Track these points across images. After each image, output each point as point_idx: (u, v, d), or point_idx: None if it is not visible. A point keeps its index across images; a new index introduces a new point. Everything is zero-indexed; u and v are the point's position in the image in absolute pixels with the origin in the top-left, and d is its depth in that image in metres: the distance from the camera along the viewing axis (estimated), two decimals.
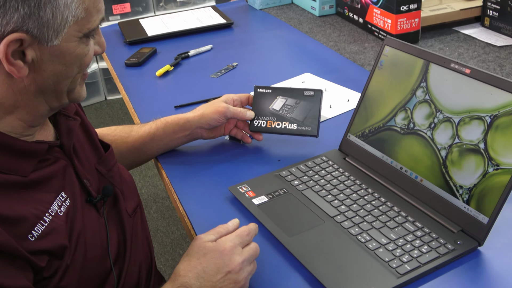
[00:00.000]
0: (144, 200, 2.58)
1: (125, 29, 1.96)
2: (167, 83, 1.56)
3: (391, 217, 0.93)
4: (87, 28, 0.76)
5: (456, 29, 1.74)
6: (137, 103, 1.45)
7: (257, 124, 1.17)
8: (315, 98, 1.15)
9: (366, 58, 1.60)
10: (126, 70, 1.67)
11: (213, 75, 1.58)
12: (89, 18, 0.75)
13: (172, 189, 1.08)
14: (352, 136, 1.11)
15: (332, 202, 0.98)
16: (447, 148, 0.93)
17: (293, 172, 1.07)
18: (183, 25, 1.94)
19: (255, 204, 0.99)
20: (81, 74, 0.80)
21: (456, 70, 0.93)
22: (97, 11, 0.76)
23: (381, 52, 1.07)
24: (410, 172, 0.98)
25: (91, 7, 0.75)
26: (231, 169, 1.13)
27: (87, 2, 0.74)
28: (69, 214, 0.78)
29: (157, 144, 1.15)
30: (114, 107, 3.45)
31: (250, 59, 1.68)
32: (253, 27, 2.01)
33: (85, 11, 0.74)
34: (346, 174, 1.05)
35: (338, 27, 1.88)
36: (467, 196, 0.88)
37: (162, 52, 1.77)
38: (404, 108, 1.01)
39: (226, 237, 0.84)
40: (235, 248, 0.82)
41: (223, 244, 0.82)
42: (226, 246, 0.82)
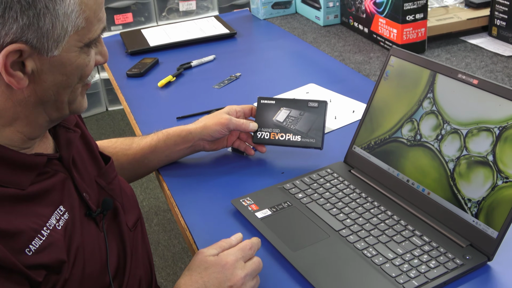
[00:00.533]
0: (145, 213, 2.57)
1: (127, 39, 1.97)
2: (169, 94, 1.56)
3: (397, 231, 0.92)
4: (88, 38, 0.76)
5: (463, 38, 1.74)
6: (138, 114, 1.45)
7: (260, 136, 1.17)
8: (319, 110, 1.15)
9: (371, 68, 1.60)
10: (128, 80, 1.67)
11: (216, 85, 1.58)
12: (90, 28, 0.75)
13: (173, 202, 1.08)
14: (358, 148, 1.10)
15: (337, 215, 0.97)
16: (455, 160, 0.92)
17: (297, 185, 1.06)
18: (185, 35, 1.95)
19: (258, 217, 0.98)
20: (82, 84, 0.79)
21: (463, 80, 0.93)
22: (98, 20, 0.76)
23: (387, 62, 1.07)
24: (417, 185, 0.98)
25: (91, 16, 0.75)
26: (233, 181, 1.12)
27: (87, 11, 0.74)
28: (68, 228, 0.78)
29: (158, 156, 1.15)
30: (116, 118, 3.45)
31: (253, 70, 1.68)
32: (256, 37, 2.02)
33: (86, 20, 0.74)
34: (352, 187, 1.04)
35: (343, 37, 1.88)
36: (476, 209, 0.88)
37: (164, 62, 1.78)
38: (411, 119, 1.01)
39: (228, 251, 0.83)
40: (237, 262, 0.82)
41: (225, 258, 0.82)
42: (228, 260, 0.82)
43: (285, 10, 2.15)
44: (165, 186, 1.13)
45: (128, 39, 1.97)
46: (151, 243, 2.36)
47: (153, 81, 1.63)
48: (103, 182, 0.90)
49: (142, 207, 2.62)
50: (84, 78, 0.79)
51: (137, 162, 1.14)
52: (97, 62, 0.81)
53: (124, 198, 0.94)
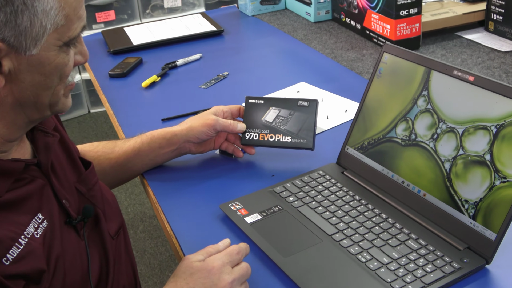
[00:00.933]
0: (130, 219, 2.56)
1: (109, 38, 1.96)
2: (153, 95, 1.56)
3: (392, 235, 0.92)
4: (68, 37, 0.75)
5: (459, 34, 1.76)
6: (121, 116, 1.44)
7: (249, 137, 1.17)
8: (310, 109, 1.15)
9: (364, 66, 1.61)
10: (110, 81, 1.67)
11: (203, 85, 1.58)
12: (70, 26, 0.75)
13: (159, 208, 1.08)
14: (351, 148, 1.10)
15: (330, 219, 0.97)
16: (451, 160, 0.93)
17: (288, 188, 1.06)
18: (170, 33, 1.95)
19: (248, 222, 0.98)
20: (63, 86, 0.79)
21: (459, 77, 0.94)
22: (78, 18, 0.76)
23: (380, 59, 1.08)
24: (412, 186, 0.98)
25: (71, 14, 0.75)
26: (222, 185, 1.12)
27: (67, 9, 0.74)
28: (47, 237, 0.77)
29: (142, 160, 1.14)
30: (98, 120, 3.44)
31: (241, 68, 1.68)
32: (244, 35, 2.02)
33: (65, 18, 0.74)
34: (345, 189, 1.04)
35: (335, 33, 1.89)
36: (473, 211, 0.88)
37: (148, 62, 1.77)
38: (405, 118, 1.01)
39: (214, 256, 0.84)
40: (224, 267, 0.82)
41: (211, 263, 0.82)
42: (214, 265, 0.82)
43: (274, 6, 2.15)
44: (150, 191, 1.13)
45: (110, 37, 1.96)
46: (137, 251, 2.35)
47: (137, 81, 1.63)
48: (83, 189, 0.90)
49: (127, 214, 2.61)
50: (64, 79, 0.78)
51: (120, 166, 1.14)
52: (77, 62, 0.81)
53: (105, 205, 0.94)
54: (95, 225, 0.90)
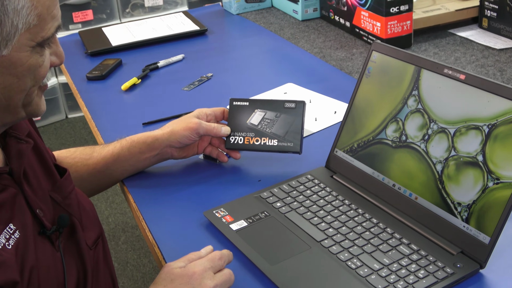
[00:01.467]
0: (111, 230, 2.56)
1: (87, 38, 1.96)
2: (134, 98, 1.57)
3: (384, 240, 0.94)
4: (41, 37, 0.76)
5: (452, 31, 1.78)
6: (100, 121, 1.45)
7: (233, 140, 1.18)
8: (297, 111, 1.16)
9: (354, 66, 1.62)
10: (88, 84, 1.67)
11: (185, 87, 1.58)
12: (43, 26, 0.76)
13: (140, 216, 1.08)
14: (340, 151, 1.12)
15: (319, 225, 0.98)
16: (443, 161, 0.94)
17: (275, 193, 1.07)
18: (151, 33, 1.96)
19: (233, 229, 0.99)
20: (37, 87, 0.80)
21: (450, 76, 0.95)
22: (52, 17, 0.77)
23: (369, 58, 1.09)
24: (403, 189, 1.00)
25: (44, 13, 0.75)
26: (206, 191, 1.13)
27: (40, 7, 0.74)
28: (19, 248, 0.77)
29: (122, 165, 1.15)
30: (76, 126, 3.43)
31: (226, 70, 1.69)
32: (229, 34, 2.03)
33: (38, 17, 0.74)
34: (334, 194, 1.06)
35: (323, 32, 1.91)
36: (466, 214, 0.90)
37: (128, 63, 1.78)
38: (395, 119, 1.03)
39: (195, 262, 0.85)
40: (206, 272, 0.83)
41: (192, 269, 0.83)
42: (195, 270, 0.83)
43: (260, 4, 2.17)
44: (130, 199, 1.14)
45: (88, 38, 1.97)
46: (118, 263, 2.35)
47: (116, 84, 1.63)
48: (58, 197, 0.90)
49: (108, 224, 2.60)
50: (38, 81, 0.79)
51: (99, 173, 1.14)
52: (52, 64, 0.82)
53: (82, 213, 0.94)
54: (71, 235, 0.90)
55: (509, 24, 1.67)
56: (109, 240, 2.47)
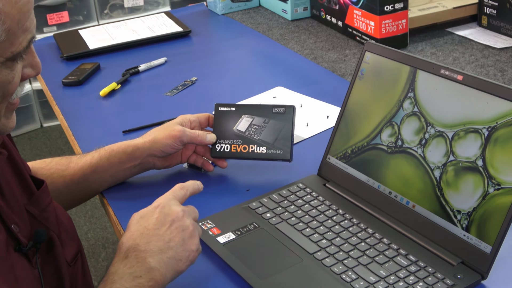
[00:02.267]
0: (91, 246, 2.55)
1: (62, 42, 1.97)
2: (113, 104, 1.57)
3: (380, 251, 0.95)
4: (11, 52, 0.75)
5: (449, 30, 1.80)
6: (77, 129, 1.45)
7: (219, 148, 1.18)
8: (286, 116, 1.17)
9: (347, 67, 1.64)
10: (64, 90, 1.67)
11: (168, 93, 1.59)
12: (13, 41, 0.75)
13: (121, 230, 1.08)
14: (333, 158, 1.13)
15: (311, 236, 0.99)
16: (441, 167, 0.95)
17: (264, 203, 1.08)
18: (131, 35, 1.96)
19: (221, 242, 1.00)
20: (5, 104, 0.79)
21: (447, 77, 0.97)
22: (24, 31, 0.76)
23: (362, 59, 1.10)
24: (400, 197, 1.00)
25: (14, 27, 0.74)
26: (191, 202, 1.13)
27: (8, 22, 0.73)
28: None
29: (101, 176, 1.15)
30: (52, 135, 3.42)
31: (211, 73, 1.70)
32: (214, 36, 2.04)
33: (7, 32, 0.73)
34: (327, 203, 1.06)
35: (314, 32, 1.92)
36: (467, 222, 0.91)
37: (107, 67, 1.79)
38: (391, 123, 1.04)
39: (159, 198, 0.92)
40: (170, 201, 0.91)
41: (157, 202, 0.91)
42: (160, 201, 0.91)
43: (247, 4, 2.18)
44: (111, 212, 1.14)
45: (63, 41, 1.97)
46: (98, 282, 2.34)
47: (94, 89, 1.64)
48: (35, 211, 0.90)
49: (87, 240, 2.60)
50: (7, 97, 0.78)
51: (76, 184, 1.14)
52: (26, 76, 0.81)
53: (60, 228, 0.94)
54: (49, 251, 0.90)
55: (510, 21, 1.69)
56: (88, 257, 2.47)
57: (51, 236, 0.91)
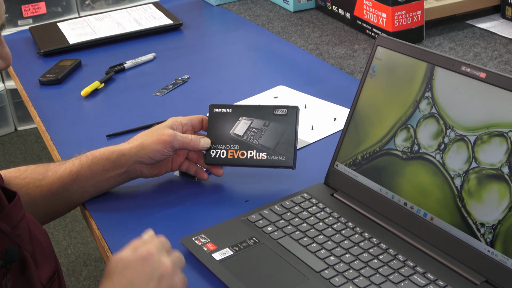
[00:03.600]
0: (71, 263, 2.55)
1: (39, 36, 1.96)
2: (96, 106, 1.57)
3: (394, 269, 0.94)
4: None
5: (470, 22, 1.80)
6: (56, 133, 1.45)
7: (214, 155, 1.18)
8: (289, 118, 1.17)
9: (356, 64, 1.64)
10: (41, 90, 1.67)
11: (157, 92, 1.59)
12: None
13: (105, 245, 1.08)
14: (341, 165, 1.12)
15: (318, 252, 0.99)
16: (462, 175, 0.95)
17: (265, 216, 1.07)
18: (116, 29, 1.96)
19: (217, 259, 0.99)
20: None
21: (468, 74, 0.96)
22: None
23: (373, 55, 1.10)
24: (417, 209, 1.00)
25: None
26: (183, 215, 1.13)
27: None
28: None
29: (82, 186, 1.15)
30: (28, 140, 3.42)
31: (205, 71, 1.69)
32: (208, 29, 2.04)
33: None
34: (335, 215, 1.06)
35: (319, 25, 1.92)
36: (491, 236, 0.90)
37: (89, 64, 1.78)
38: (406, 126, 1.04)
39: (145, 245, 0.88)
40: (160, 251, 0.88)
41: (145, 250, 0.87)
42: (150, 251, 0.87)
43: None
44: (93, 225, 1.13)
45: (40, 35, 1.97)
46: None
47: (75, 89, 1.63)
48: (6, 227, 0.89)
49: (67, 256, 2.59)
50: None
51: (55, 196, 1.14)
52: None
53: (35, 245, 0.94)
54: (21, 272, 0.89)
55: None
56: (68, 275, 2.46)
57: (23, 255, 0.90)
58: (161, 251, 0.88)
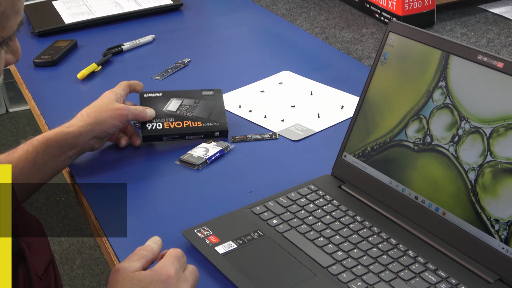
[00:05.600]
0: (64, 251, 2.55)
1: (33, 14, 1.95)
2: (93, 89, 1.56)
3: (405, 265, 0.94)
4: (1, 37, 0.76)
5: (482, 7, 1.79)
6: (51, 117, 1.44)
7: (151, 127, 1.25)
8: (216, 96, 1.32)
9: (364, 49, 1.63)
10: (36, 71, 1.66)
11: (157, 76, 1.58)
12: (4, 24, 0.76)
13: (100, 230, 1.08)
14: (349, 155, 1.12)
15: (325, 247, 0.98)
16: (477, 168, 0.94)
17: (270, 208, 1.07)
18: (113, 8, 1.95)
19: (220, 253, 0.99)
20: None
21: (485, 63, 0.96)
22: (15, 12, 0.77)
23: (385, 41, 1.09)
24: (428, 203, 1.00)
25: (8, 9, 0.75)
26: (184, 205, 1.13)
27: (4, 4, 0.74)
28: None
29: (40, 172, 1.16)
30: (20, 122, 3.41)
31: (206, 54, 1.69)
32: (210, 10, 2.03)
33: (1, 15, 0.74)
34: (343, 208, 1.06)
35: (326, 7, 1.91)
36: (506, 232, 0.90)
37: (86, 45, 1.77)
38: (418, 116, 1.03)
39: (164, 262, 0.87)
40: (179, 273, 0.86)
41: (165, 270, 0.85)
42: (169, 273, 0.85)
43: None
44: (91, 214, 1.13)
45: (34, 14, 1.96)
46: None
47: (71, 71, 1.62)
48: None
49: (60, 244, 2.59)
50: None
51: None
52: (7, 63, 0.83)
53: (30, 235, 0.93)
54: (18, 263, 0.89)
55: None
56: (61, 263, 2.46)
57: (21, 246, 0.90)
58: (180, 273, 0.87)
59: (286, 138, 1.28)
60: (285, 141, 1.27)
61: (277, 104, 1.40)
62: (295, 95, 1.43)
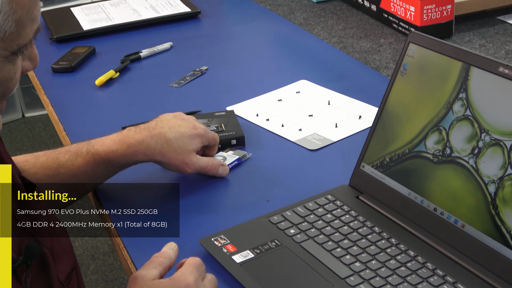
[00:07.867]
0: (78, 257, 2.55)
1: (52, 21, 1.96)
2: (110, 95, 1.56)
3: (423, 278, 0.93)
4: (17, 45, 0.76)
5: (501, 18, 1.78)
6: (69, 123, 1.45)
7: None
8: (228, 115, 1.36)
9: (382, 59, 1.62)
10: (54, 77, 1.67)
11: (174, 83, 1.58)
12: (20, 32, 0.76)
13: (120, 243, 1.08)
14: (367, 166, 1.11)
15: (343, 257, 0.98)
16: (497, 181, 0.94)
17: (287, 217, 1.07)
18: (132, 15, 1.95)
19: (237, 262, 0.99)
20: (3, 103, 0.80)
21: (506, 75, 0.95)
22: (32, 20, 0.77)
23: (405, 52, 1.09)
24: (447, 215, 0.99)
25: (24, 17, 0.75)
26: (202, 213, 1.13)
27: (19, 11, 0.74)
28: None
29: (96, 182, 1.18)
30: (35, 127, 3.43)
31: (224, 62, 1.69)
32: (228, 18, 2.03)
33: (16, 23, 0.74)
34: (361, 219, 1.05)
35: (343, 17, 1.91)
36: None
37: (103, 52, 1.78)
38: (438, 127, 1.02)
39: (182, 271, 0.87)
40: (198, 282, 0.86)
41: (184, 279, 0.85)
42: (188, 282, 0.85)
43: None
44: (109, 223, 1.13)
45: (53, 20, 1.96)
46: None
47: (89, 78, 1.63)
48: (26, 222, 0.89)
49: (74, 249, 2.59)
50: (6, 95, 0.80)
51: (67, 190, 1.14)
52: (24, 70, 0.82)
53: (54, 241, 0.93)
54: (41, 269, 0.89)
55: None
56: None
57: (43, 252, 0.90)
58: (199, 282, 0.87)
59: (303, 148, 1.28)
60: (303, 151, 1.27)
61: (294, 113, 1.40)
62: (312, 105, 1.43)
